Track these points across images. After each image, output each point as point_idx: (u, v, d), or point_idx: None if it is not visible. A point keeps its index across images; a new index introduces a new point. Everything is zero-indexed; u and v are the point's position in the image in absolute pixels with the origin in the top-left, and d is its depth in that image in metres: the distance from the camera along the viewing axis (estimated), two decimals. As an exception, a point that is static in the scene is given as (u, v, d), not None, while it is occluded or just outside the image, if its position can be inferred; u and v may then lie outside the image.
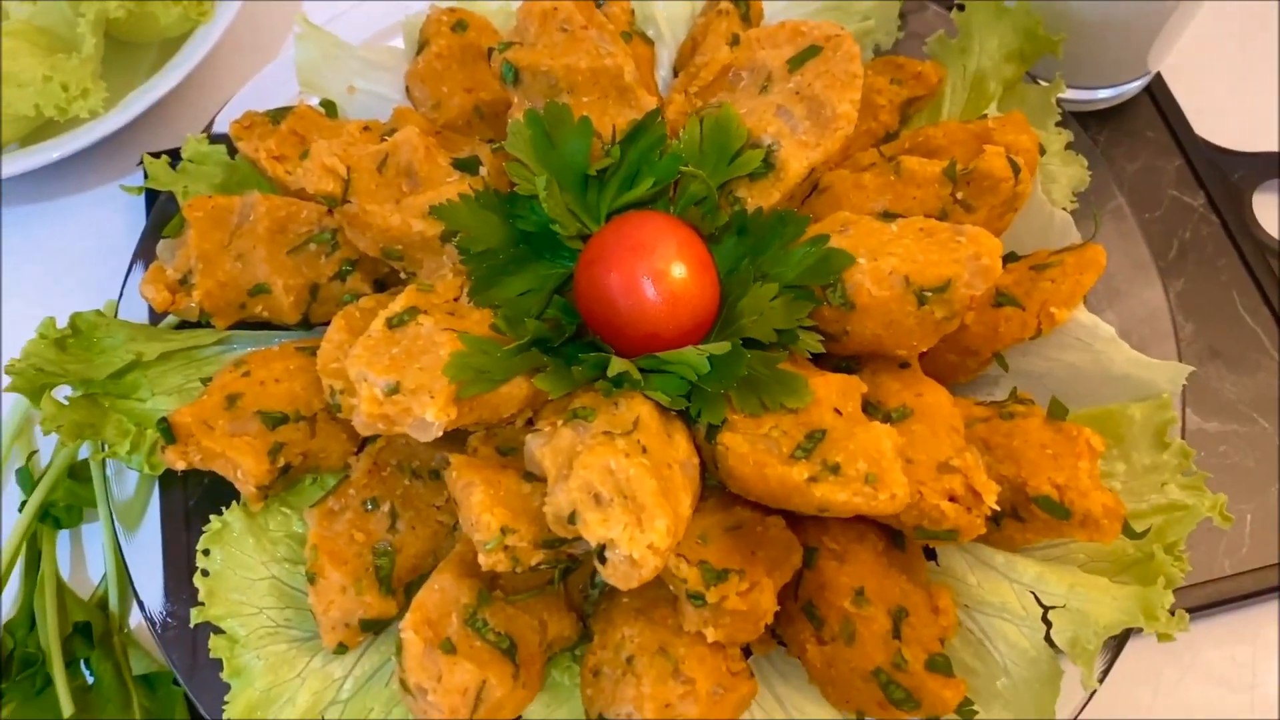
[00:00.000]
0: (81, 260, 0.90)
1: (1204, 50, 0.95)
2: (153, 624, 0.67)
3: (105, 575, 0.76)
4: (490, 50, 0.70)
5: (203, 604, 0.64)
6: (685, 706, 0.59)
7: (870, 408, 0.64)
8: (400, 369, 0.59)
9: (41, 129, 0.88)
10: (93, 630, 0.72)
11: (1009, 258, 0.73)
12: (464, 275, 0.66)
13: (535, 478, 0.61)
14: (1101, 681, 0.63)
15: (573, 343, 0.64)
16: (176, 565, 0.71)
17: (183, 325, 0.76)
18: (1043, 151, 0.75)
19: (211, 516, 0.67)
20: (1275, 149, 0.90)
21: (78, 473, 0.77)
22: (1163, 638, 0.60)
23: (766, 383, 0.61)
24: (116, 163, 0.92)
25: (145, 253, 0.78)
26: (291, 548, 0.68)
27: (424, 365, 0.59)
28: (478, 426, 0.64)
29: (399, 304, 0.63)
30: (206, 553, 0.66)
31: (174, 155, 0.89)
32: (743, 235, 0.66)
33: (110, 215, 0.92)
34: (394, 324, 0.62)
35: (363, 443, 0.69)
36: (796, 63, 0.68)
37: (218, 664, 0.64)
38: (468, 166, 0.68)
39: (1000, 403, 0.68)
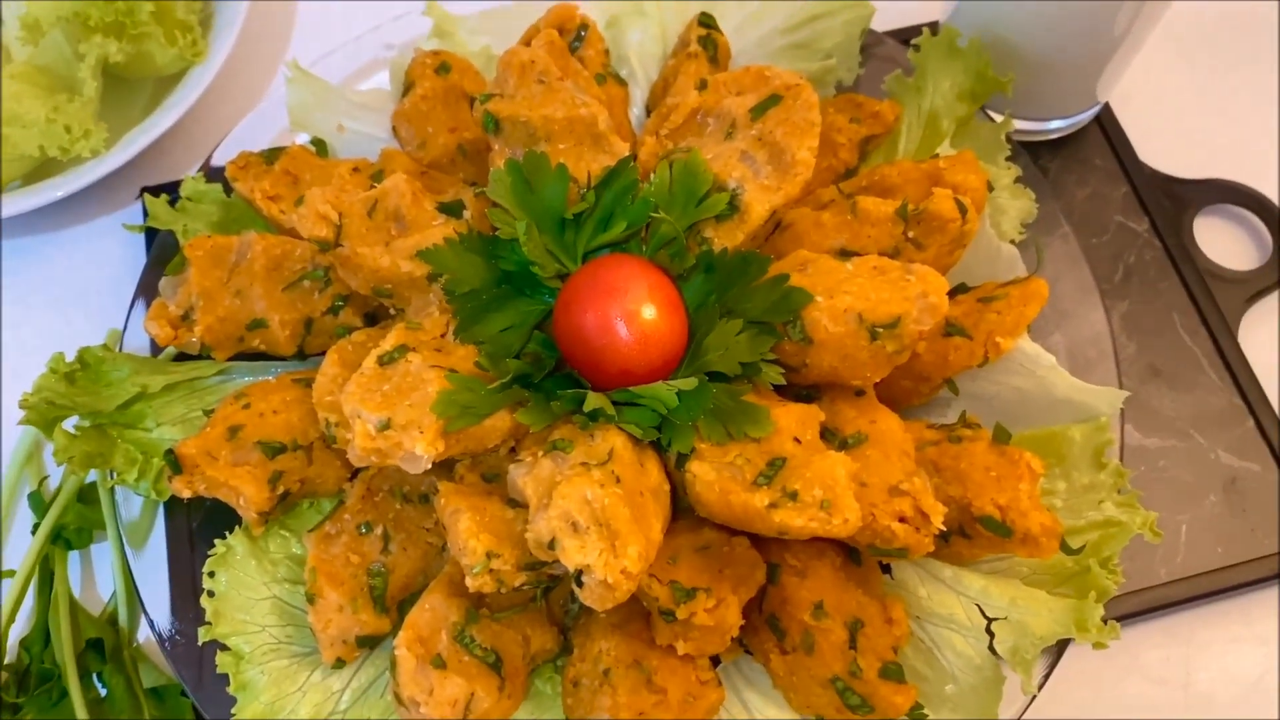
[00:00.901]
0: (83, 291, 0.93)
1: (1150, 81, 1.00)
2: (162, 640, 0.72)
3: (114, 593, 0.80)
4: (472, 100, 0.74)
5: (210, 623, 0.68)
6: (658, 714, 0.63)
7: (828, 434, 0.69)
8: (391, 405, 0.63)
9: (43, 166, 0.91)
10: (104, 645, 0.76)
11: (959, 288, 0.78)
12: (449, 313, 0.70)
13: (518, 504, 0.65)
14: (1042, 686, 0.68)
15: (552, 376, 0.68)
16: (182, 585, 0.75)
17: (182, 357, 0.80)
18: (991, 188, 0.80)
19: (216, 541, 0.71)
20: (1215, 176, 0.95)
21: (86, 496, 0.81)
22: (1097, 646, 0.65)
23: (732, 413, 0.66)
24: (115, 196, 0.95)
25: (147, 289, 0.82)
26: (291, 568, 0.72)
27: (413, 402, 0.63)
28: (464, 456, 0.68)
29: (389, 342, 0.67)
30: (212, 575, 0.70)
31: (170, 189, 0.93)
32: (709, 274, 0.70)
33: (110, 247, 0.95)
34: (384, 361, 0.66)
35: (356, 469, 0.74)
36: (759, 111, 0.73)
37: (224, 678, 0.68)
38: (452, 210, 0.72)
39: (950, 426, 0.72)
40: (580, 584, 0.58)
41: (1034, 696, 0.67)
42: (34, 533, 0.80)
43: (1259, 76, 1.02)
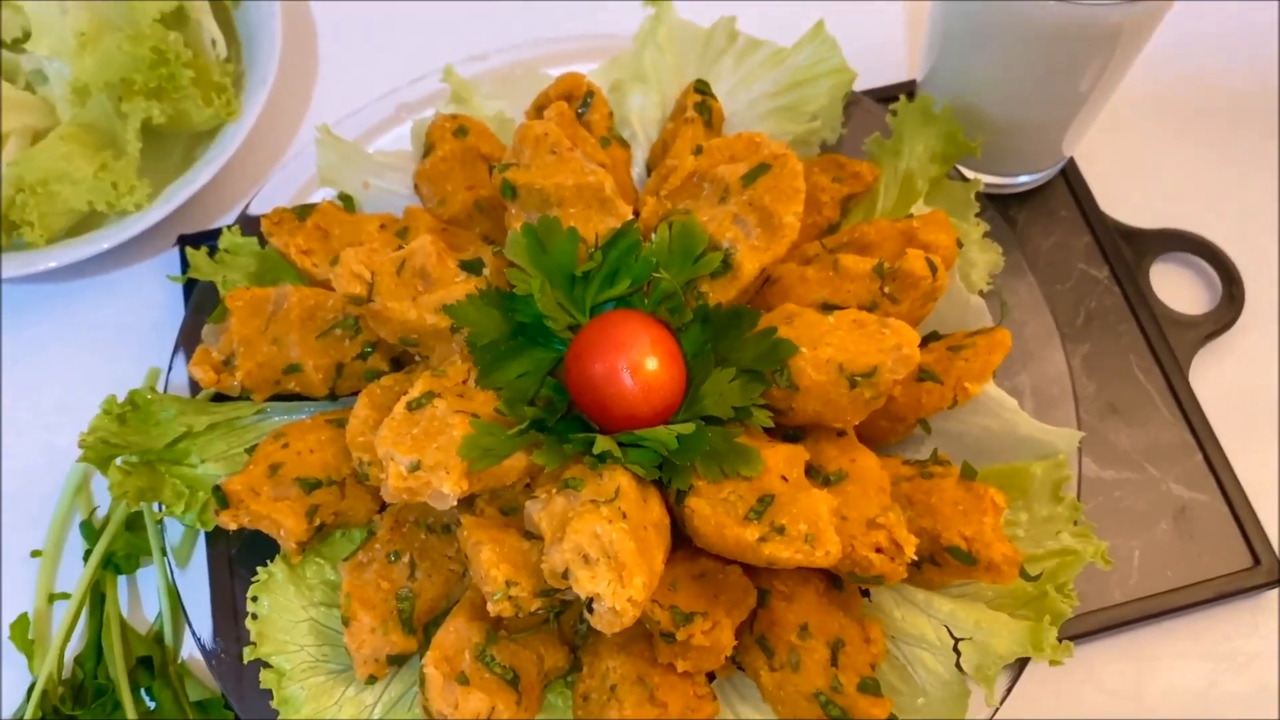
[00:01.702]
0: (124, 331, 0.99)
1: (1111, 138, 1.06)
2: (207, 657, 0.78)
3: (160, 614, 0.86)
4: (491, 166, 0.81)
5: (254, 643, 0.74)
6: None
7: (812, 471, 0.75)
8: (420, 448, 0.70)
9: (87, 217, 0.98)
10: (153, 662, 0.83)
11: (931, 336, 0.85)
12: (470, 362, 0.77)
13: (533, 536, 0.72)
14: (1004, 699, 0.75)
15: (563, 420, 0.75)
16: (223, 606, 0.81)
17: (220, 397, 0.86)
18: (961, 244, 0.87)
19: (258, 568, 0.77)
20: (1171, 226, 1.02)
21: (133, 525, 0.87)
22: (1052, 663, 0.72)
23: (726, 454, 0.72)
24: (153, 243, 1.01)
25: (188, 335, 0.88)
26: (326, 593, 0.78)
27: (440, 445, 0.70)
28: (484, 492, 0.75)
29: (417, 390, 0.74)
30: (255, 599, 0.76)
31: (205, 237, 1.00)
32: (705, 326, 0.77)
33: (148, 290, 1.01)
34: (413, 407, 0.73)
35: (385, 502, 0.80)
36: (750, 178, 0.80)
37: (266, 693, 0.75)
38: (473, 268, 0.79)
39: (923, 462, 0.79)
40: (591, 610, 0.65)
41: (996, 709, 0.74)
42: (85, 559, 0.87)
43: (1212, 133, 1.09)
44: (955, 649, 0.74)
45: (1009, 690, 0.75)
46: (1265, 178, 1.07)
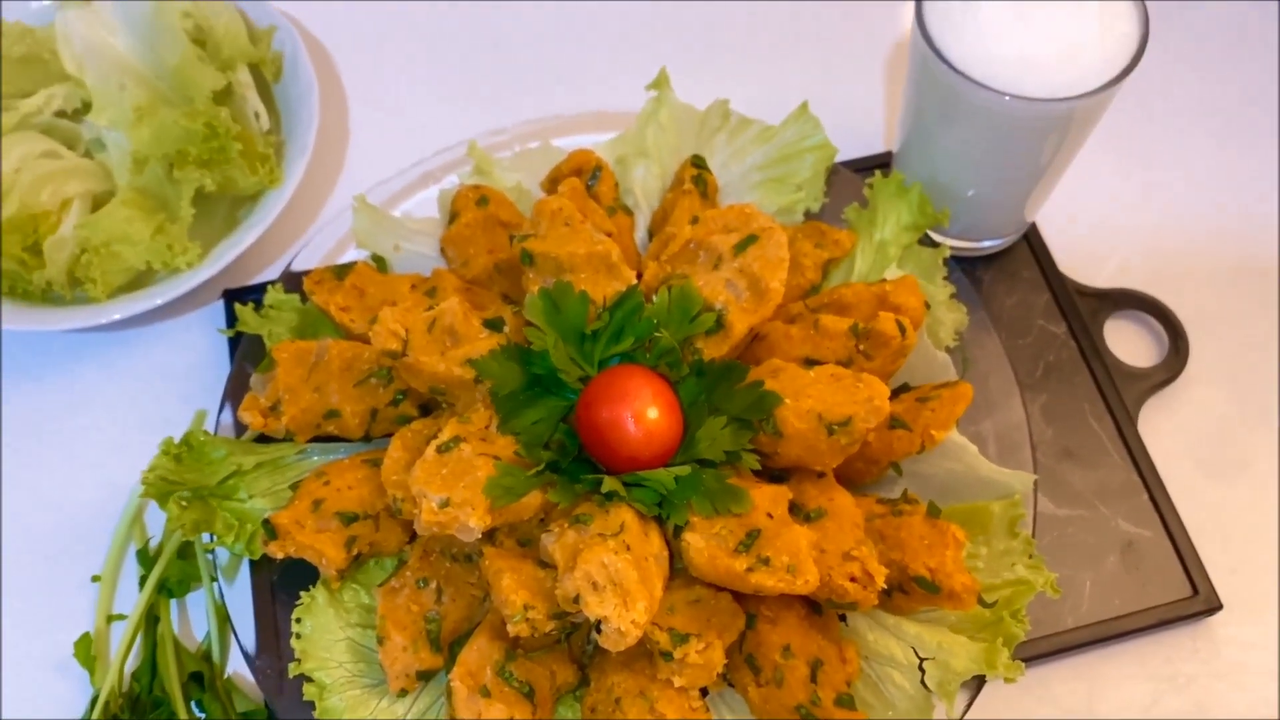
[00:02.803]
0: (173, 376, 1.07)
1: (1069, 205, 1.15)
2: (254, 671, 0.86)
3: (208, 634, 0.94)
4: (511, 236, 0.91)
5: (299, 660, 0.82)
6: None
7: (795, 509, 0.84)
8: (449, 487, 0.78)
9: (141, 274, 1.07)
10: (203, 677, 0.91)
11: (902, 388, 0.94)
12: (492, 409, 0.86)
13: (548, 565, 0.81)
14: (965, 713, 0.83)
15: (575, 462, 0.84)
16: (265, 627, 0.89)
17: (263, 438, 0.95)
18: (929, 306, 0.96)
19: (301, 593, 0.85)
20: (1123, 286, 1.10)
21: (185, 553, 0.95)
22: (1006, 680, 0.80)
23: (718, 493, 0.80)
24: (199, 296, 1.09)
25: (235, 382, 0.96)
26: (362, 615, 0.86)
27: (467, 484, 0.78)
28: (504, 525, 0.83)
29: (445, 434, 0.82)
30: (299, 620, 0.84)
31: (248, 291, 1.09)
32: (700, 379, 0.85)
33: (194, 339, 1.09)
34: (442, 449, 0.81)
35: (414, 535, 0.89)
36: (740, 247, 0.89)
37: (309, 705, 0.83)
38: (495, 326, 0.88)
39: (894, 501, 0.88)
40: (600, 631, 0.73)
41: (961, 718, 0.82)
42: (141, 584, 0.95)
43: (1164, 200, 1.18)
44: (920, 667, 0.81)
45: (969, 705, 0.82)
46: (1212, 242, 1.16)
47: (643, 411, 0.80)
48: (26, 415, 1.07)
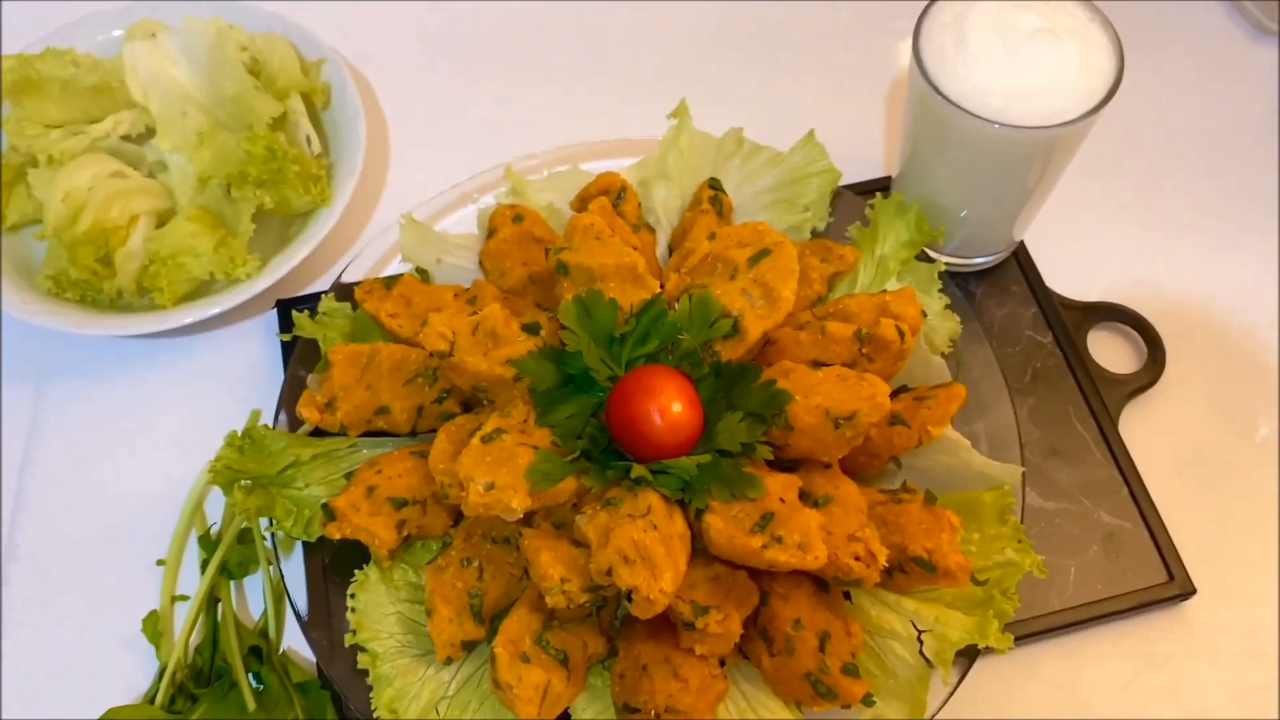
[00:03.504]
0: (229, 378, 1.14)
1: (1055, 226, 1.23)
2: (311, 645, 0.94)
3: (264, 612, 1.01)
4: (546, 250, 0.99)
5: (354, 631, 0.90)
6: (682, 697, 0.84)
7: (804, 495, 0.90)
8: (494, 472, 0.86)
9: (202, 284, 1.15)
10: (262, 651, 0.98)
11: (901, 389, 1.01)
12: (530, 405, 0.93)
13: (581, 544, 0.88)
14: (959, 683, 0.89)
15: (605, 451, 0.91)
16: (318, 605, 0.96)
17: (318, 432, 1.03)
18: (925, 315, 1.04)
19: (355, 571, 0.92)
20: (1105, 300, 1.18)
21: (244, 538, 1.02)
22: (997, 650, 0.87)
23: (735, 480, 0.87)
24: (254, 305, 1.16)
25: (291, 385, 1.03)
26: (410, 591, 0.93)
27: (509, 470, 0.86)
28: (541, 509, 0.91)
29: (488, 427, 0.90)
30: (353, 596, 0.91)
31: (299, 301, 1.17)
32: (718, 378, 0.92)
33: (250, 345, 1.16)
34: (486, 440, 0.89)
35: (457, 519, 0.97)
36: (754, 260, 0.96)
37: (360, 673, 0.90)
38: (532, 330, 0.95)
39: (894, 491, 0.95)
40: (630, 600, 0.80)
41: (953, 690, 0.89)
42: (202, 567, 1.02)
43: (1145, 219, 1.27)
44: (919, 639, 0.88)
45: (963, 676, 0.89)
46: (1190, 258, 1.24)
47: (667, 406, 0.88)
48: (95, 415, 1.14)
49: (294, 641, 1.02)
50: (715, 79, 1.39)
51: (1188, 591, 1.01)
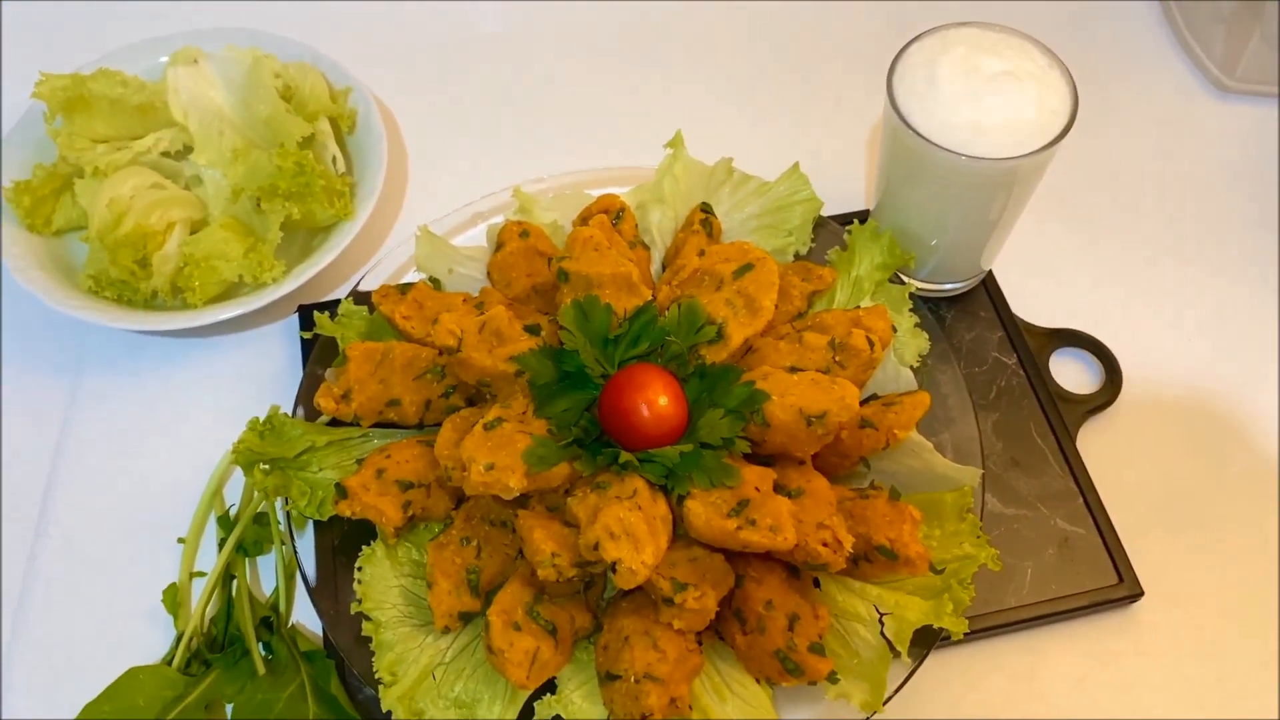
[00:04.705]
0: (252, 376, 1.21)
1: (1022, 255, 1.31)
2: (320, 614, 1.00)
3: (275, 589, 1.07)
4: (549, 260, 1.07)
5: (359, 600, 0.96)
6: (660, 666, 0.90)
7: (778, 488, 0.96)
8: (494, 455, 0.92)
9: (230, 287, 1.24)
10: (272, 622, 1.04)
11: (871, 398, 1.08)
12: (529, 398, 1.00)
13: (572, 525, 0.95)
14: (919, 665, 0.94)
15: (596, 441, 0.98)
16: (326, 580, 1.01)
17: (334, 422, 1.10)
18: (895, 330, 1.12)
19: (363, 547, 0.98)
20: (1066, 326, 1.26)
21: (260, 519, 1.09)
22: (953, 634, 0.93)
23: (715, 470, 0.93)
24: (277, 309, 1.24)
25: (309, 380, 1.10)
26: (413, 568, 0.98)
27: (508, 453, 0.92)
28: (535, 492, 0.97)
29: (490, 415, 0.96)
30: (360, 569, 0.98)
31: (320, 306, 1.24)
32: (702, 379, 0.98)
33: (271, 346, 1.23)
34: (488, 427, 0.95)
35: (458, 502, 1.03)
36: (738, 273, 1.04)
37: (364, 640, 0.96)
38: (534, 330, 1.03)
39: (862, 489, 1.02)
40: (615, 571, 0.87)
41: (913, 670, 0.94)
42: (220, 545, 1.09)
43: (1106, 252, 1.35)
44: (880, 622, 0.95)
45: (922, 659, 0.94)
46: (1145, 285, 1.32)
47: (655, 399, 0.94)
48: (126, 407, 1.21)
49: (302, 617, 1.08)
50: (709, 115, 1.48)
51: (1136, 593, 1.07)
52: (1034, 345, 1.24)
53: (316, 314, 1.13)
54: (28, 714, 1.03)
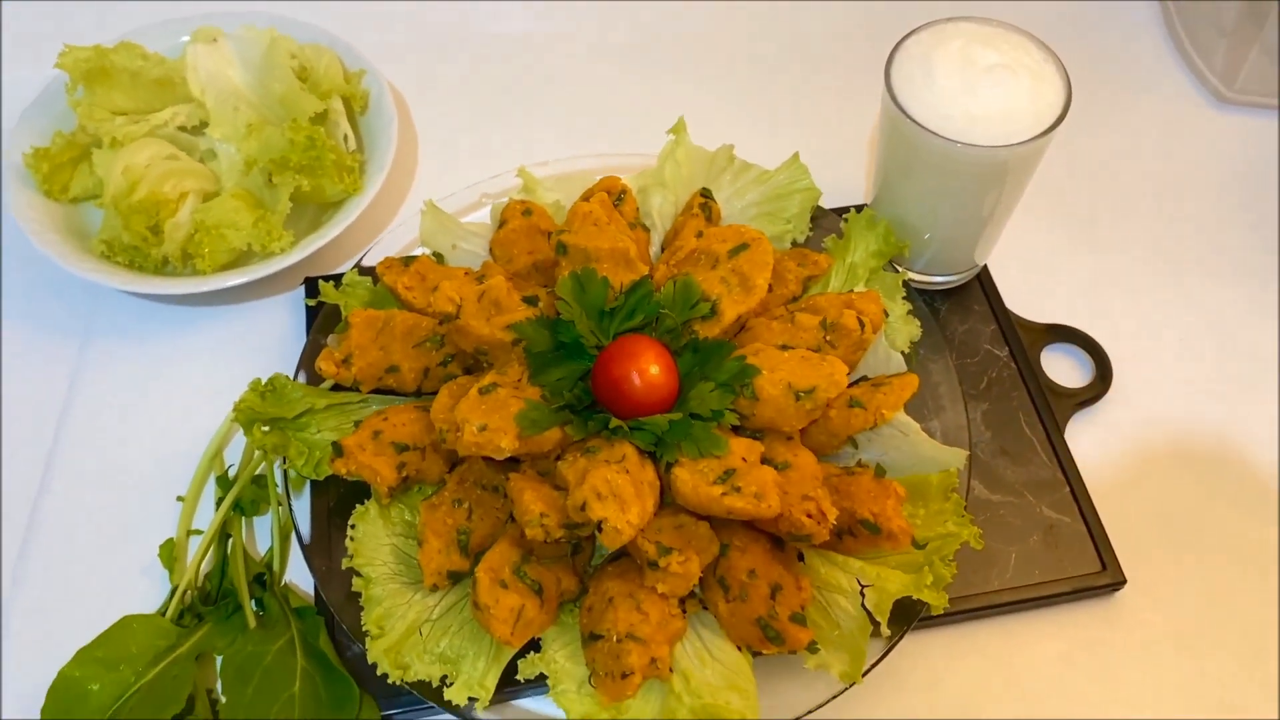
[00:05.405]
0: (257, 345, 1.24)
1: (1014, 253, 1.33)
2: (312, 570, 1.01)
3: (270, 548, 1.09)
4: (549, 234, 1.09)
5: (352, 556, 0.98)
6: (642, 628, 0.91)
7: (765, 461, 0.99)
8: (488, 417, 0.94)
9: (240, 256, 1.26)
10: (265, 579, 1.06)
11: (861, 379, 1.10)
12: (525, 366, 1.02)
13: (560, 488, 0.96)
14: (899, 639, 0.95)
15: (588, 408, 1.00)
16: (320, 538, 1.03)
17: (335, 387, 1.12)
18: (887, 315, 1.13)
19: (356, 505, 1.00)
20: (1057, 321, 1.27)
21: (258, 480, 1.11)
22: (933, 607, 0.94)
23: (703, 439, 0.94)
24: (284, 279, 1.26)
25: (313, 345, 1.13)
26: (405, 527, 1.00)
27: (501, 415, 0.94)
28: (527, 456, 0.99)
29: (485, 381, 0.98)
30: (353, 526, 1.00)
31: (326, 278, 1.26)
32: (695, 353, 1.00)
33: (278, 315, 1.25)
34: (483, 391, 0.97)
35: (453, 465, 1.05)
36: (734, 253, 1.06)
37: (354, 597, 0.97)
38: (531, 301, 1.05)
39: (848, 467, 1.04)
40: (601, 530, 0.88)
41: (894, 643, 0.95)
42: (217, 504, 1.11)
43: (1098, 247, 1.37)
44: (862, 594, 0.96)
45: (903, 633, 0.95)
46: (1141, 286, 1.33)
47: (646, 368, 0.96)
48: (132, 370, 1.24)
49: (294, 578, 1.09)
50: (712, 101, 1.51)
51: (1119, 582, 1.08)
52: (1027, 339, 1.25)
53: (321, 282, 1.15)
54: (26, 657, 1.04)
